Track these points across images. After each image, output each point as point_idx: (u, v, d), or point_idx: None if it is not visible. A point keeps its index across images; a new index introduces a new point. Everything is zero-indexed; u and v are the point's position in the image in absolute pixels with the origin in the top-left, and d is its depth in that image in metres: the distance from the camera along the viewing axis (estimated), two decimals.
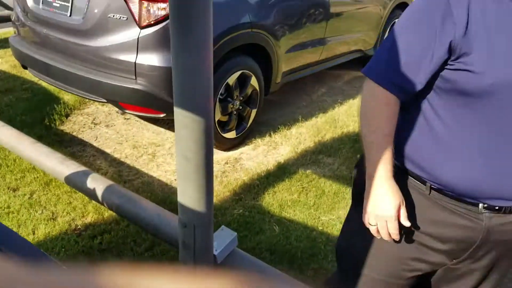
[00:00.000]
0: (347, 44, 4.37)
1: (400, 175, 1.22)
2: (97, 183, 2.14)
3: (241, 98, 3.23)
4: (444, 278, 1.33)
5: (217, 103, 2.99)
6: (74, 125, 3.50)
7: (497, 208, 1.13)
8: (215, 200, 2.66)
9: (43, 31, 3.06)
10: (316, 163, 3.19)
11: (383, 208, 1.16)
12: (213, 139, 1.51)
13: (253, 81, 3.27)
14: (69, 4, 2.85)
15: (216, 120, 3.04)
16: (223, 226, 1.76)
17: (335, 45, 4.18)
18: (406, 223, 1.17)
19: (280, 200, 2.73)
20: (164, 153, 3.23)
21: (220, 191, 2.80)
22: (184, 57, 1.36)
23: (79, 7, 2.81)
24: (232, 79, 3.06)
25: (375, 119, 1.16)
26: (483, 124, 1.06)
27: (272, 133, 3.53)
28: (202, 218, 1.54)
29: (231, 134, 3.25)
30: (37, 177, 2.73)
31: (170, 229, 1.87)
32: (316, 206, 2.71)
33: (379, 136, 1.15)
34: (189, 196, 1.51)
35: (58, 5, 2.92)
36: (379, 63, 1.17)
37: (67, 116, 3.61)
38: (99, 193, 2.11)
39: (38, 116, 3.48)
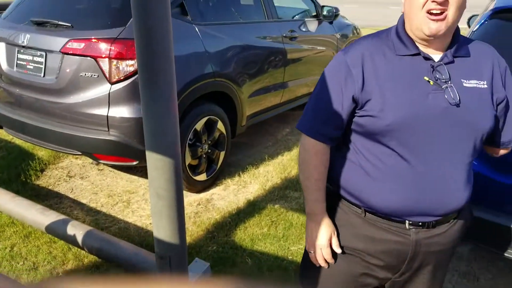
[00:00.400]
0: (306, 86, 4.70)
1: (339, 201, 1.46)
2: (77, 230, 2.28)
3: (209, 142, 3.44)
4: None
5: (187, 148, 3.19)
6: (50, 179, 3.62)
7: (420, 224, 1.35)
8: (189, 239, 2.81)
9: (17, 91, 3.23)
10: (284, 198, 3.39)
11: (317, 238, 1.42)
12: (182, 178, 1.70)
13: (220, 126, 3.50)
14: (43, 66, 3.05)
15: (187, 164, 3.22)
16: (196, 258, 1.93)
17: (295, 88, 4.49)
18: (338, 250, 1.42)
19: (251, 235, 2.90)
20: (138, 199, 3.38)
21: (194, 231, 2.95)
22: (152, 107, 1.57)
23: (52, 67, 3.01)
24: (199, 125, 3.28)
25: (307, 167, 1.42)
26: (393, 156, 1.30)
27: (241, 173, 3.74)
28: (176, 250, 1.71)
29: (202, 177, 3.43)
30: (17, 230, 2.83)
31: (148, 266, 2.03)
32: (285, 237, 2.89)
33: (311, 181, 1.41)
34: (163, 230, 1.68)
35: (32, 67, 3.12)
36: (307, 119, 1.42)
37: (42, 171, 3.73)
38: (79, 238, 2.25)
39: (14, 173, 3.59)
